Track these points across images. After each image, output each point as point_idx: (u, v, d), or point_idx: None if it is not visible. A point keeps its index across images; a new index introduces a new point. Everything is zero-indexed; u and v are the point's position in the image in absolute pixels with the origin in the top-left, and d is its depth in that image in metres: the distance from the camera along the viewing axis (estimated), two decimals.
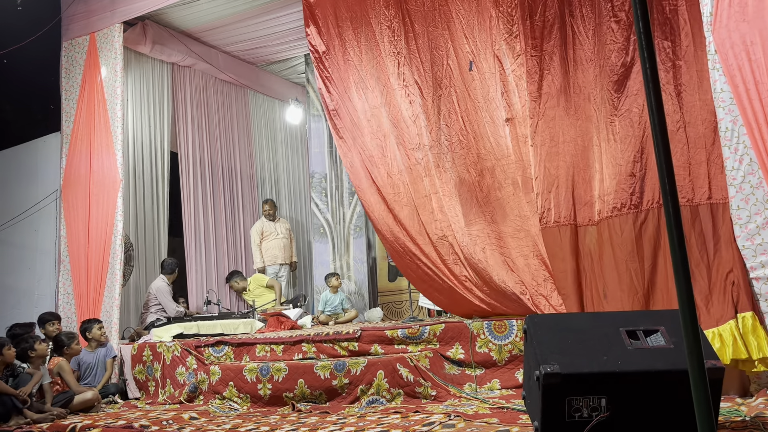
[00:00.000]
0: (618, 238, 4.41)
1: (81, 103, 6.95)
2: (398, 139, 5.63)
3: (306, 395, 4.68)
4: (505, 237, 5.08)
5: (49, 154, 7.34)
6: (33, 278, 7.23)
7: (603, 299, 4.45)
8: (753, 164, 3.75)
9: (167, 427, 4.18)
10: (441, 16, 5.58)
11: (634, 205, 4.40)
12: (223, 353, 5.65)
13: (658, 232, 4.29)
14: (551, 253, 4.76)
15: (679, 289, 1.49)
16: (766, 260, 3.67)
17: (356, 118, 5.89)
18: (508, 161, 5.15)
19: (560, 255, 4.71)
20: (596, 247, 4.59)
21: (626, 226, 4.39)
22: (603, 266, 4.51)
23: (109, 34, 6.90)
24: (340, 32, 6.05)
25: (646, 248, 4.30)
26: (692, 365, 1.46)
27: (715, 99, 3.92)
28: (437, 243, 5.37)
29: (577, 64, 4.84)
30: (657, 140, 1.50)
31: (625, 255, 4.35)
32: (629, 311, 4.05)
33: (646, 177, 4.40)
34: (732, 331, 3.67)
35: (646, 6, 1.54)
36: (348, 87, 5.97)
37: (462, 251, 5.22)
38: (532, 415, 2.86)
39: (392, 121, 5.70)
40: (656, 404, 2.68)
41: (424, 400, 4.34)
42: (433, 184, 5.47)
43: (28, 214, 7.30)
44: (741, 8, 3.83)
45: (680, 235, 1.48)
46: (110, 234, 6.50)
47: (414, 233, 5.50)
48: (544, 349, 2.73)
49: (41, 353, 5.27)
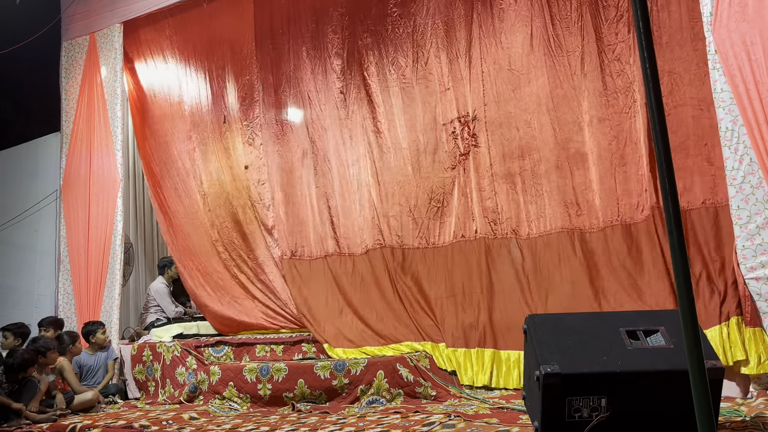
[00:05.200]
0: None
1: (81, 103, 6.95)
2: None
3: (306, 395, 4.68)
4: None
5: (49, 154, 7.33)
6: (33, 278, 7.23)
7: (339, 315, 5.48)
8: (753, 164, 3.75)
9: (167, 427, 4.18)
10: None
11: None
12: (223, 353, 5.65)
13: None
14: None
15: (679, 289, 1.48)
16: (766, 260, 3.67)
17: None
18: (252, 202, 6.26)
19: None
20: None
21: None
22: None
23: (109, 34, 6.89)
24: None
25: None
26: (692, 365, 1.46)
27: (715, 99, 3.92)
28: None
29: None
30: (657, 140, 1.50)
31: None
32: (629, 311, 4.05)
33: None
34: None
35: (646, 6, 1.54)
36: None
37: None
38: (532, 415, 2.86)
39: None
40: (656, 404, 2.68)
41: (424, 400, 4.34)
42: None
43: (28, 214, 7.30)
44: (741, 8, 3.82)
45: (680, 235, 1.48)
46: (110, 234, 6.50)
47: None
48: (544, 349, 2.73)
49: (50, 361, 5.27)
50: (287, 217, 6.03)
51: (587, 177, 4.80)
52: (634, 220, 4.56)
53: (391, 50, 5.63)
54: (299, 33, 6.11)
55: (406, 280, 5.37)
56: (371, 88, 5.73)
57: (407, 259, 5.42)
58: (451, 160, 5.35)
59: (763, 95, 3.72)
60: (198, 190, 6.53)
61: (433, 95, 5.46)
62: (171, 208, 6.68)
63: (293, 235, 5.98)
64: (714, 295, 4.01)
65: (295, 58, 6.12)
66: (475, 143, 5.22)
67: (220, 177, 6.43)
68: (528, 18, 5.05)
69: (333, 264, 5.75)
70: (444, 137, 5.39)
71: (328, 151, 5.91)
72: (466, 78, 5.32)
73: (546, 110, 4.95)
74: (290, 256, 5.93)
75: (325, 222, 5.86)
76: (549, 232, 4.86)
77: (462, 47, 5.34)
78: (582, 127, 4.84)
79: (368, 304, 5.43)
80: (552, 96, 4.93)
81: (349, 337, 5.29)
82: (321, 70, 5.99)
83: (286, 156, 6.12)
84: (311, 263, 5.85)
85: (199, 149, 6.55)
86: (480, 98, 5.24)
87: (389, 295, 5.38)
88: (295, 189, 6.05)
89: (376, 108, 5.69)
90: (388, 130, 5.62)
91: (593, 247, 4.67)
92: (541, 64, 4.98)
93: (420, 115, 5.50)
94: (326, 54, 5.96)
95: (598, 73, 4.76)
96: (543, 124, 4.97)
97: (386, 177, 5.62)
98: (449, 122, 5.37)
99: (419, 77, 5.51)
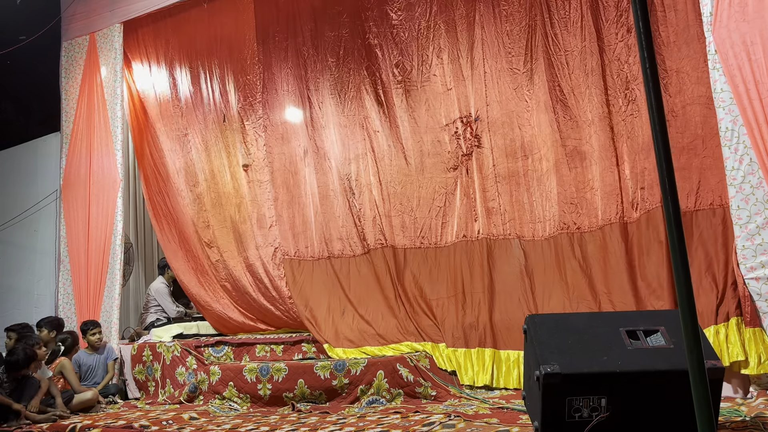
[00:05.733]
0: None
1: (81, 103, 6.95)
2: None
3: (306, 395, 4.68)
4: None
5: (49, 154, 7.33)
6: (33, 278, 7.23)
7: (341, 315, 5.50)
8: (753, 164, 3.75)
9: (167, 427, 4.18)
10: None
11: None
12: (223, 353, 5.65)
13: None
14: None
15: (679, 289, 1.48)
16: (766, 260, 3.66)
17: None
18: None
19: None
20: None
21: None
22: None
23: (109, 34, 6.89)
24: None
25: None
26: (692, 365, 1.46)
27: (715, 99, 3.92)
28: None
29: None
30: (657, 140, 1.50)
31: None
32: (629, 311, 4.05)
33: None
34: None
35: (646, 6, 1.54)
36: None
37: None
38: (532, 415, 2.86)
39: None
40: (656, 404, 2.67)
41: (424, 400, 4.33)
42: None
43: (28, 214, 7.30)
44: (741, 8, 3.82)
45: (680, 236, 1.48)
46: (110, 234, 6.50)
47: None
48: (544, 349, 2.73)
49: (41, 356, 5.27)
50: (288, 216, 6.03)
51: (588, 176, 4.80)
52: (633, 219, 4.56)
53: (394, 51, 5.62)
54: (299, 32, 6.11)
55: (408, 280, 5.37)
56: (373, 89, 5.73)
57: (408, 259, 5.42)
58: (454, 161, 5.34)
59: (763, 95, 3.72)
60: (193, 191, 6.53)
61: (435, 96, 5.46)
62: (165, 209, 6.68)
63: (294, 235, 5.98)
64: (716, 295, 4.00)
65: (294, 57, 6.13)
66: (477, 143, 5.22)
67: (219, 177, 6.43)
68: (529, 18, 5.06)
69: (334, 264, 5.75)
70: (446, 137, 5.39)
71: (329, 150, 5.91)
72: (469, 78, 5.32)
73: (546, 109, 4.96)
74: (291, 256, 5.93)
75: (327, 222, 5.86)
76: (550, 232, 4.86)
77: (464, 48, 5.34)
78: (582, 126, 4.84)
79: (369, 304, 5.43)
80: (552, 95, 4.94)
81: (350, 337, 5.29)
82: (321, 70, 5.98)
83: (286, 156, 6.12)
84: (313, 263, 5.85)
85: (199, 149, 6.55)
86: (482, 98, 5.24)
87: (390, 295, 5.39)
88: (296, 189, 6.05)
89: (378, 108, 5.69)
90: (391, 130, 5.62)
91: (593, 247, 4.67)
92: (542, 63, 4.99)
93: (423, 116, 5.50)
94: (327, 54, 5.96)
95: (598, 73, 4.76)
96: (543, 123, 4.98)
97: (388, 177, 5.61)
98: (452, 122, 5.37)
99: (422, 78, 5.50)
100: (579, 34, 4.85)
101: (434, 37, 5.48)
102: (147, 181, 6.83)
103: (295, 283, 5.84)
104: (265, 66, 6.25)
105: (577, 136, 4.85)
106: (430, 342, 4.97)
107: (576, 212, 4.79)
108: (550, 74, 4.95)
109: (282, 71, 6.19)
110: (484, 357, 4.68)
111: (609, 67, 4.74)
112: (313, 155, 6.00)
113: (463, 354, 4.77)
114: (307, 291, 5.76)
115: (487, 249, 5.10)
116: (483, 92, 5.25)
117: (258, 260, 6.10)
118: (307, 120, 6.04)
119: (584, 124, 4.83)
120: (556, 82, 4.94)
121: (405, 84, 5.57)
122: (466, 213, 5.27)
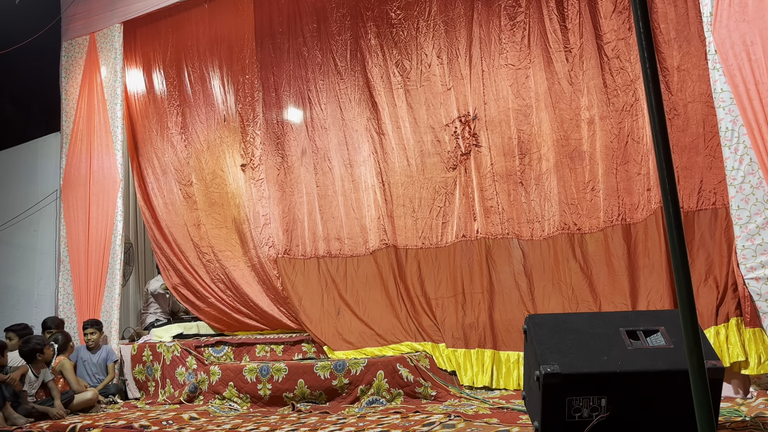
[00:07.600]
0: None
1: (81, 103, 6.95)
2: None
3: (306, 395, 4.68)
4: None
5: (49, 154, 7.34)
6: (33, 278, 7.23)
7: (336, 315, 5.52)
8: (753, 164, 3.74)
9: (167, 427, 4.18)
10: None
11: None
12: (223, 353, 5.64)
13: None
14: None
15: (679, 289, 1.48)
16: (766, 260, 3.66)
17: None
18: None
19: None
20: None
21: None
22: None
23: (109, 34, 6.89)
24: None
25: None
26: (692, 365, 1.46)
27: (715, 99, 3.92)
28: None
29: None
30: (657, 140, 1.50)
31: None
32: (629, 311, 4.05)
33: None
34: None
35: (646, 6, 1.54)
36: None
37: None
38: (532, 415, 2.86)
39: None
40: (656, 404, 2.67)
41: (424, 400, 4.33)
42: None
43: (28, 214, 7.30)
44: (741, 8, 3.82)
45: (680, 236, 1.48)
46: (110, 234, 6.50)
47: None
48: (544, 349, 2.72)
49: (46, 358, 5.27)
50: (285, 216, 6.03)
51: (588, 176, 4.80)
52: (635, 220, 4.55)
53: (394, 51, 5.62)
54: (299, 33, 6.11)
55: (409, 281, 5.36)
56: (374, 89, 5.69)
57: (410, 259, 5.42)
58: (453, 160, 5.34)
59: (763, 95, 3.72)
60: (188, 190, 6.52)
61: (435, 95, 5.46)
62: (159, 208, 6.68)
63: (293, 235, 5.97)
64: (716, 296, 4.00)
65: (295, 57, 6.13)
66: (476, 143, 5.22)
67: (217, 176, 6.42)
68: (527, 15, 5.05)
69: (334, 264, 5.74)
70: (446, 137, 5.39)
71: (329, 151, 5.91)
72: (467, 77, 5.32)
73: (545, 107, 4.95)
74: (289, 256, 5.92)
75: (326, 222, 5.85)
76: (549, 232, 4.86)
77: (462, 46, 5.34)
78: (582, 125, 4.84)
79: (369, 304, 5.43)
80: (551, 93, 4.93)
81: (349, 338, 5.29)
82: (322, 70, 5.98)
83: (285, 155, 6.11)
84: (310, 263, 5.84)
85: (198, 148, 6.55)
86: (480, 97, 5.25)
87: (392, 295, 5.38)
88: (294, 189, 6.05)
89: (380, 109, 5.66)
90: (392, 131, 5.58)
91: (594, 248, 4.66)
92: (540, 60, 4.98)
93: (423, 116, 5.49)
94: (327, 54, 5.96)
95: (597, 71, 4.76)
96: (542, 121, 4.97)
97: (391, 178, 5.57)
98: (451, 122, 5.37)
99: (421, 78, 5.50)
100: (577, 31, 4.84)
101: (433, 36, 5.48)
102: (140, 181, 6.81)
103: (291, 283, 5.83)
104: (265, 66, 6.26)
105: (578, 135, 4.85)
106: (430, 342, 4.97)
107: (576, 213, 4.79)
108: (549, 72, 4.95)
109: (282, 71, 6.19)
110: (483, 358, 4.68)
111: (608, 64, 4.73)
112: (312, 155, 5.99)
113: (463, 354, 4.77)
114: (304, 291, 5.75)
115: (486, 248, 5.09)
116: (480, 90, 5.25)
117: (256, 259, 6.10)
118: (306, 120, 6.04)
119: (585, 124, 4.82)
120: (555, 80, 4.93)
121: (405, 84, 5.56)
122: (465, 213, 5.27)
